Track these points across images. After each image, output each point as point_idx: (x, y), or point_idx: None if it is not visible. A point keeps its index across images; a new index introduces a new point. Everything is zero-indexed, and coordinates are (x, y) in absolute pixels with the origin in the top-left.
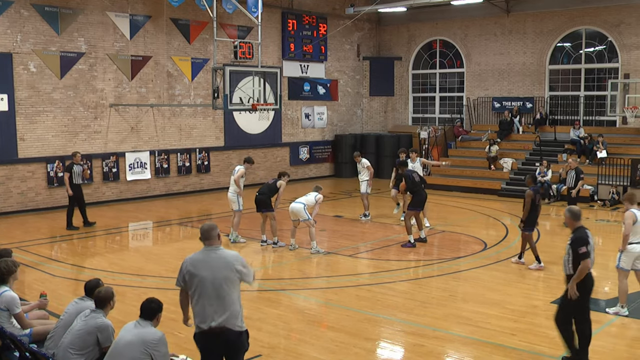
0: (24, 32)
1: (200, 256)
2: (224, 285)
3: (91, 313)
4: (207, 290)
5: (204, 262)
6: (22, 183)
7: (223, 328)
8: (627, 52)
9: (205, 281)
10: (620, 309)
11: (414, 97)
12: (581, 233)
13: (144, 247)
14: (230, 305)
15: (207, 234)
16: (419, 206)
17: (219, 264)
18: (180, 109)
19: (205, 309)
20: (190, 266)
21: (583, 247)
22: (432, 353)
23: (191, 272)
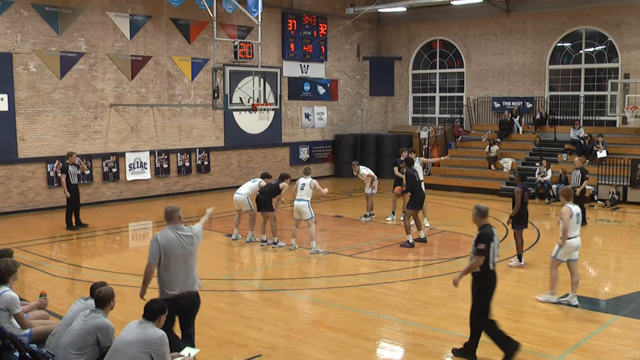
0: (24, 32)
1: (169, 234)
2: (189, 258)
3: (91, 313)
4: (178, 262)
5: (174, 239)
6: (22, 183)
7: (190, 291)
8: (627, 52)
9: (177, 255)
10: (550, 296)
11: (414, 97)
12: (486, 230)
13: (144, 247)
14: (192, 272)
15: (171, 215)
16: (418, 205)
17: (185, 240)
18: (180, 109)
19: (176, 277)
20: (165, 244)
21: (482, 244)
22: (432, 353)
23: (166, 249)
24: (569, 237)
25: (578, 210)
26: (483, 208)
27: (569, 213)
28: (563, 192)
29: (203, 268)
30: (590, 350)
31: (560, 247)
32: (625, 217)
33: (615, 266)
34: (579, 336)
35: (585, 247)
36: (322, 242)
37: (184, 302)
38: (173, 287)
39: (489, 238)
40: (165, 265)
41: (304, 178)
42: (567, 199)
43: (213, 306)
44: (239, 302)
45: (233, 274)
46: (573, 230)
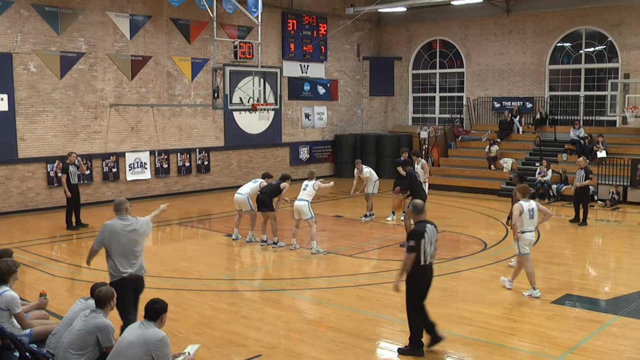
0: (24, 32)
1: (115, 224)
2: (134, 246)
3: (91, 313)
4: (122, 249)
5: (121, 230)
6: (22, 183)
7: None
8: (627, 52)
9: (122, 243)
10: (533, 291)
11: (414, 97)
12: (418, 227)
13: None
14: (137, 259)
15: (118, 207)
16: None
17: (128, 230)
18: (180, 109)
19: (123, 263)
20: (112, 234)
21: (412, 240)
22: (432, 353)
23: (111, 238)
24: (523, 231)
25: (531, 207)
26: (418, 205)
27: (519, 210)
28: (520, 189)
29: (203, 268)
30: (590, 351)
31: (517, 241)
32: (625, 217)
33: (615, 266)
34: (579, 336)
35: (585, 247)
36: (322, 242)
37: (132, 284)
38: (120, 271)
39: (420, 235)
40: (111, 252)
41: (307, 180)
42: (522, 196)
43: (213, 306)
44: (239, 302)
45: (233, 274)
46: (528, 225)
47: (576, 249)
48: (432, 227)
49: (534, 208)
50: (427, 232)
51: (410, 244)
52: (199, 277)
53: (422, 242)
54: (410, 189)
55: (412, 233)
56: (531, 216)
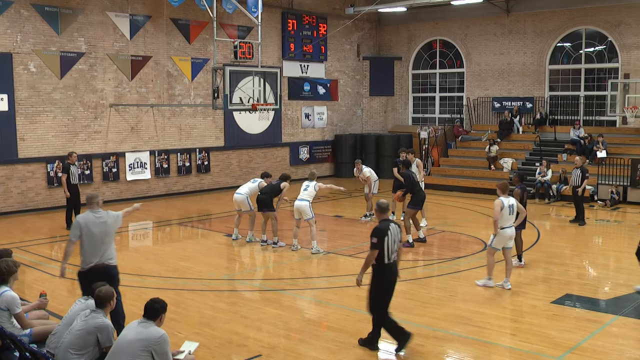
0: (24, 32)
1: (88, 216)
2: (105, 237)
3: (91, 313)
4: (93, 240)
5: (93, 221)
6: (22, 183)
7: (105, 264)
8: (627, 52)
9: (94, 234)
10: (488, 281)
11: (414, 97)
12: (381, 225)
13: (144, 247)
14: (108, 248)
15: (90, 201)
16: (419, 205)
17: (99, 222)
18: (180, 109)
19: (93, 253)
20: (84, 225)
21: (374, 237)
22: (432, 353)
23: (84, 229)
24: (502, 227)
25: (511, 203)
26: (382, 204)
27: (500, 205)
28: (500, 185)
29: (203, 268)
30: (590, 350)
31: (494, 236)
32: (625, 217)
33: (615, 266)
34: (579, 336)
35: (585, 247)
36: (322, 242)
37: (101, 272)
38: (91, 259)
39: (383, 232)
40: (83, 242)
41: (308, 181)
42: (502, 192)
43: (213, 306)
44: (239, 302)
45: (233, 274)
46: (506, 221)
47: (576, 249)
48: (395, 227)
49: (513, 204)
50: (390, 231)
51: (373, 241)
52: (199, 277)
53: (386, 239)
54: (410, 190)
55: (375, 230)
56: (511, 212)
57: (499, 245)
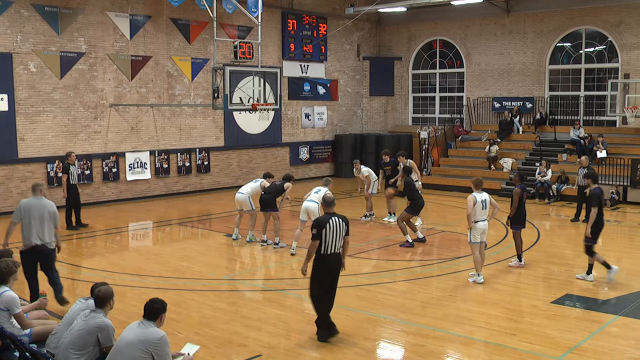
0: (24, 32)
1: (30, 201)
2: (42, 220)
3: (91, 313)
4: (33, 222)
5: (34, 205)
6: (22, 183)
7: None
8: (627, 52)
9: (34, 217)
10: (477, 277)
11: (414, 97)
12: (322, 217)
13: (144, 247)
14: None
15: (34, 189)
16: (416, 212)
17: (42, 206)
18: (180, 109)
19: (32, 234)
20: (26, 208)
21: (314, 229)
22: (432, 353)
23: (25, 211)
24: (476, 221)
25: (483, 198)
26: (327, 198)
27: (472, 201)
28: (473, 181)
29: (203, 268)
30: (590, 351)
31: (470, 230)
32: (625, 217)
33: (468, 242)
34: (579, 336)
35: None
36: None
37: (40, 251)
38: (31, 239)
39: (322, 224)
40: (24, 225)
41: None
42: (475, 188)
43: (213, 306)
44: (239, 302)
45: (233, 274)
46: (480, 215)
47: (576, 249)
48: (338, 220)
49: (486, 199)
50: (330, 223)
51: (313, 232)
52: (199, 277)
53: (324, 231)
54: (409, 197)
55: (315, 222)
56: (484, 207)
57: (477, 239)
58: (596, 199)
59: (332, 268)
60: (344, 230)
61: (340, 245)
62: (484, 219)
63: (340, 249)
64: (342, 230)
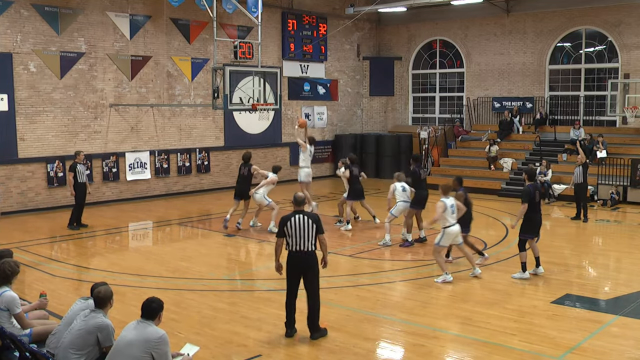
0: (24, 32)
1: None
2: None
3: (91, 313)
4: None
5: None
6: (22, 183)
7: None
8: (627, 52)
9: None
10: (446, 276)
11: (414, 97)
12: (287, 215)
13: (144, 247)
14: None
15: None
16: (419, 205)
17: None
18: (180, 109)
19: None
20: None
21: (277, 226)
22: (432, 353)
23: None
24: (448, 226)
25: (452, 203)
26: (297, 198)
27: (442, 207)
28: (442, 187)
29: (203, 268)
30: (590, 351)
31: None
32: (625, 217)
33: (615, 266)
34: (579, 336)
35: (585, 247)
36: None
37: None
38: None
39: (284, 222)
40: None
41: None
42: (444, 193)
43: (213, 306)
44: (239, 302)
45: (233, 274)
46: (452, 219)
47: (576, 249)
48: (304, 218)
49: (454, 204)
50: (292, 220)
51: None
52: (199, 277)
53: (285, 229)
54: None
55: (280, 219)
56: (452, 211)
57: (446, 243)
58: (525, 196)
59: (299, 265)
60: (312, 229)
61: (312, 244)
62: (454, 223)
63: (312, 247)
64: (309, 228)
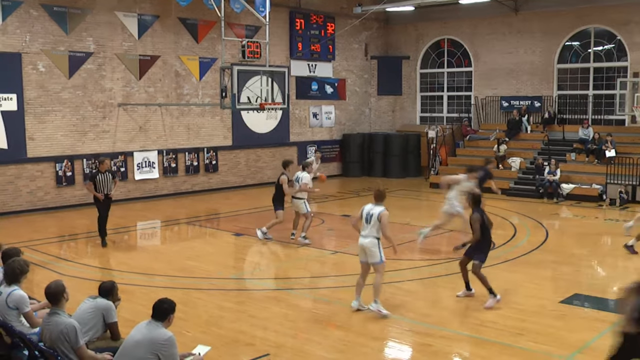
0: (33, 32)
1: None
2: None
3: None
4: None
5: None
6: (31, 182)
7: None
8: (636, 50)
9: None
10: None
11: (422, 96)
12: None
13: (152, 247)
14: None
15: None
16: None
17: None
18: (188, 109)
19: None
20: None
21: None
22: (440, 352)
23: None
24: None
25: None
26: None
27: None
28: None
29: (211, 267)
30: (599, 350)
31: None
32: (634, 216)
33: (624, 266)
34: (588, 336)
35: (593, 246)
36: (330, 241)
37: None
38: None
39: None
40: None
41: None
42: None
43: (220, 305)
44: (247, 301)
45: (241, 273)
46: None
47: (584, 249)
48: None
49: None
50: None
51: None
52: (207, 276)
53: None
54: None
55: None
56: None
57: None
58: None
59: None
60: None
61: None
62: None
63: None
64: None
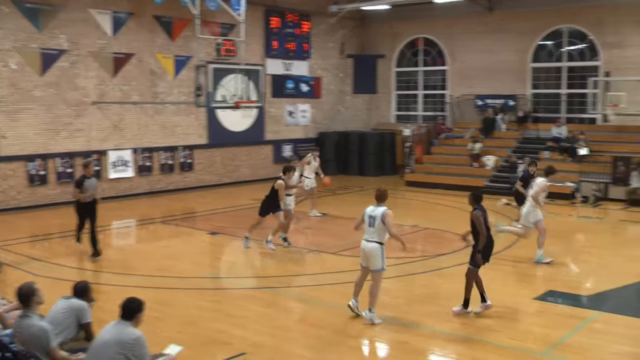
0: (4, 29)
1: None
2: None
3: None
4: None
5: None
6: (3, 181)
7: None
8: (608, 50)
9: None
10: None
11: (397, 94)
12: None
13: (128, 246)
14: None
15: None
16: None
17: None
18: (163, 107)
19: None
20: None
21: None
22: (417, 350)
23: None
24: None
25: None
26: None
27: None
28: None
29: (187, 266)
30: (573, 346)
31: None
32: (607, 213)
33: (598, 262)
34: (562, 332)
35: (567, 243)
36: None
37: None
38: None
39: None
40: None
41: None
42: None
43: (197, 304)
44: (224, 300)
45: (217, 272)
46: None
47: (558, 246)
48: None
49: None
50: None
51: None
52: (183, 276)
53: None
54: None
55: None
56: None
57: None
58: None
59: None
60: None
61: None
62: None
63: None
64: None
